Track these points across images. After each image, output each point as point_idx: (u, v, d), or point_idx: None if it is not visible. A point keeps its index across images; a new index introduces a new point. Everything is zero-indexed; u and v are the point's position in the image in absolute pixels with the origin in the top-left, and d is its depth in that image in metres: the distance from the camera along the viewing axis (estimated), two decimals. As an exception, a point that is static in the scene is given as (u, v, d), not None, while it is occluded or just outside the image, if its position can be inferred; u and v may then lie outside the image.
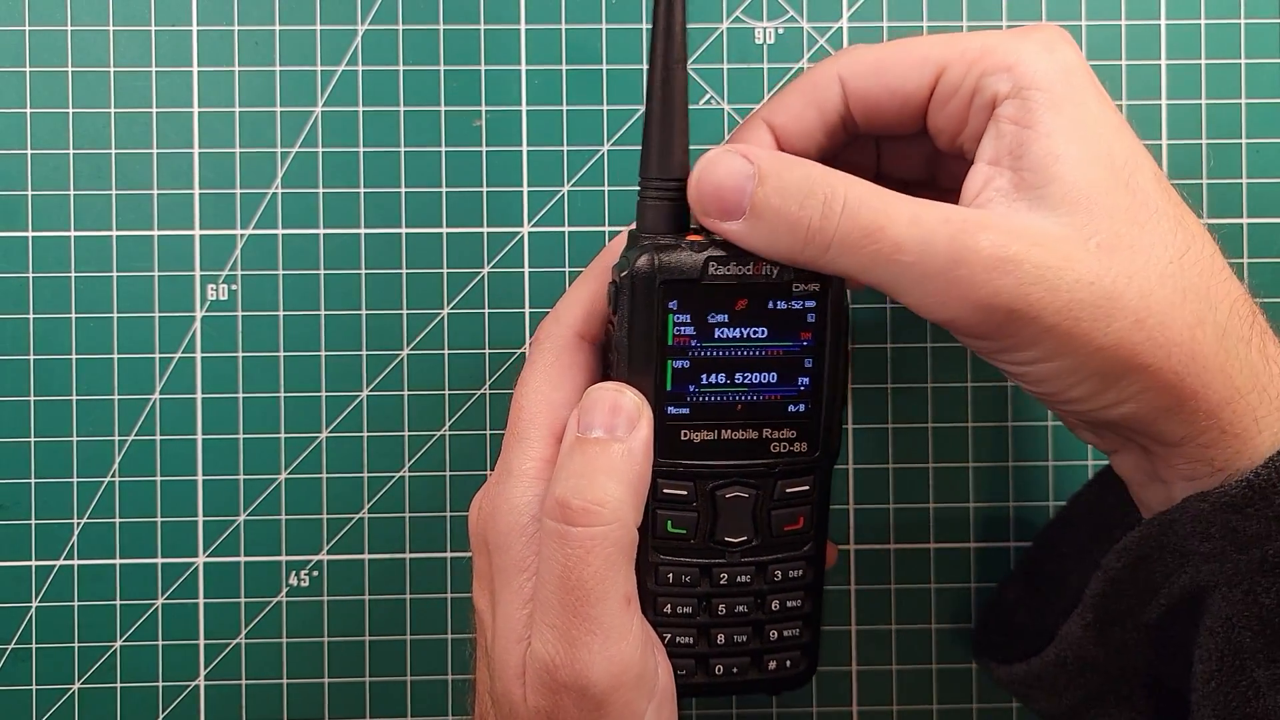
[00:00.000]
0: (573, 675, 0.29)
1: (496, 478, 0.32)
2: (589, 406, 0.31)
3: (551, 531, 0.30)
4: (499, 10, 0.40)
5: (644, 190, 0.32)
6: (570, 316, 0.33)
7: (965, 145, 0.32)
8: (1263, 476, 0.28)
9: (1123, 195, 0.29)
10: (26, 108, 0.40)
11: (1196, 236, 0.30)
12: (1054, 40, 0.31)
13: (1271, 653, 0.29)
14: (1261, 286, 0.41)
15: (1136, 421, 0.29)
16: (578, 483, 0.30)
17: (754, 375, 0.32)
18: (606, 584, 0.29)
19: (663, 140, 0.31)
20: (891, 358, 0.41)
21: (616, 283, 0.31)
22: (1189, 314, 0.28)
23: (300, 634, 0.40)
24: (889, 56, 0.32)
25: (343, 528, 0.40)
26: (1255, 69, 0.41)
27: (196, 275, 0.40)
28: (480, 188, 0.40)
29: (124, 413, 0.40)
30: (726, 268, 0.31)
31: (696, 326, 0.31)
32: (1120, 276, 0.28)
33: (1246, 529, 0.29)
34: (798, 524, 0.32)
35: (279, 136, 0.40)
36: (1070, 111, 0.29)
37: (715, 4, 0.40)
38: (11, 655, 0.40)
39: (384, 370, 0.40)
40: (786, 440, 0.32)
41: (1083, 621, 0.33)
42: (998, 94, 0.30)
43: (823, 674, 0.41)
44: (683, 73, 0.31)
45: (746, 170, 0.29)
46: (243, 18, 0.40)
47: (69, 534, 0.40)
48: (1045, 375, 0.29)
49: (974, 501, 0.41)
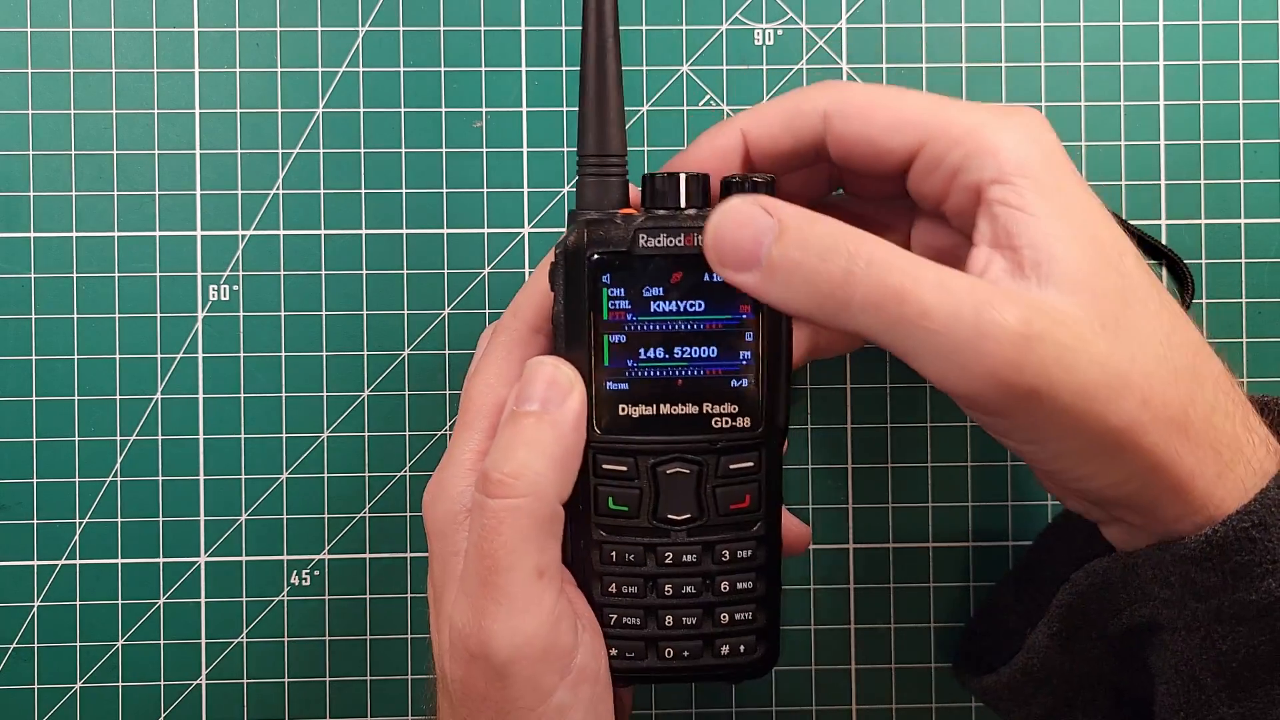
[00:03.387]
0: (479, 644, 0.30)
1: (442, 464, 0.33)
2: (526, 379, 0.31)
3: (474, 503, 0.30)
4: (500, 12, 0.40)
5: (581, 168, 0.32)
6: (526, 311, 0.33)
7: (949, 214, 0.32)
8: (1220, 534, 0.29)
9: (1114, 277, 0.29)
10: (29, 109, 0.40)
11: (1179, 316, 0.30)
12: (1035, 127, 0.31)
13: (1234, 693, 0.30)
14: (1260, 287, 0.41)
15: (1134, 499, 0.30)
16: (498, 455, 0.30)
17: (693, 349, 0.32)
18: (516, 555, 0.30)
19: (598, 117, 0.32)
20: (890, 357, 0.41)
21: (553, 260, 0.31)
22: (1183, 393, 0.29)
23: (302, 633, 0.40)
24: (876, 106, 0.32)
25: (344, 527, 0.40)
26: (1253, 70, 0.41)
27: (198, 276, 0.40)
28: (481, 189, 0.40)
29: (126, 413, 0.40)
30: (657, 239, 0.31)
31: (632, 300, 0.31)
32: (1124, 357, 0.28)
33: (1204, 580, 0.30)
34: (744, 502, 0.32)
35: (280, 138, 0.40)
36: (1057, 198, 0.30)
37: (715, 6, 0.40)
38: (14, 655, 0.40)
39: (385, 370, 0.40)
40: (729, 416, 0.32)
41: (1049, 631, 0.33)
42: (983, 179, 0.30)
43: (822, 673, 0.41)
44: (615, 48, 0.31)
45: (766, 222, 0.29)
46: (244, 19, 0.40)
47: (71, 534, 0.40)
48: (1055, 454, 0.29)
49: (972, 501, 0.41)
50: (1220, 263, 0.41)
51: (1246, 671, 0.30)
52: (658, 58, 0.40)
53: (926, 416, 0.41)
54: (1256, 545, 0.29)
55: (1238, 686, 0.30)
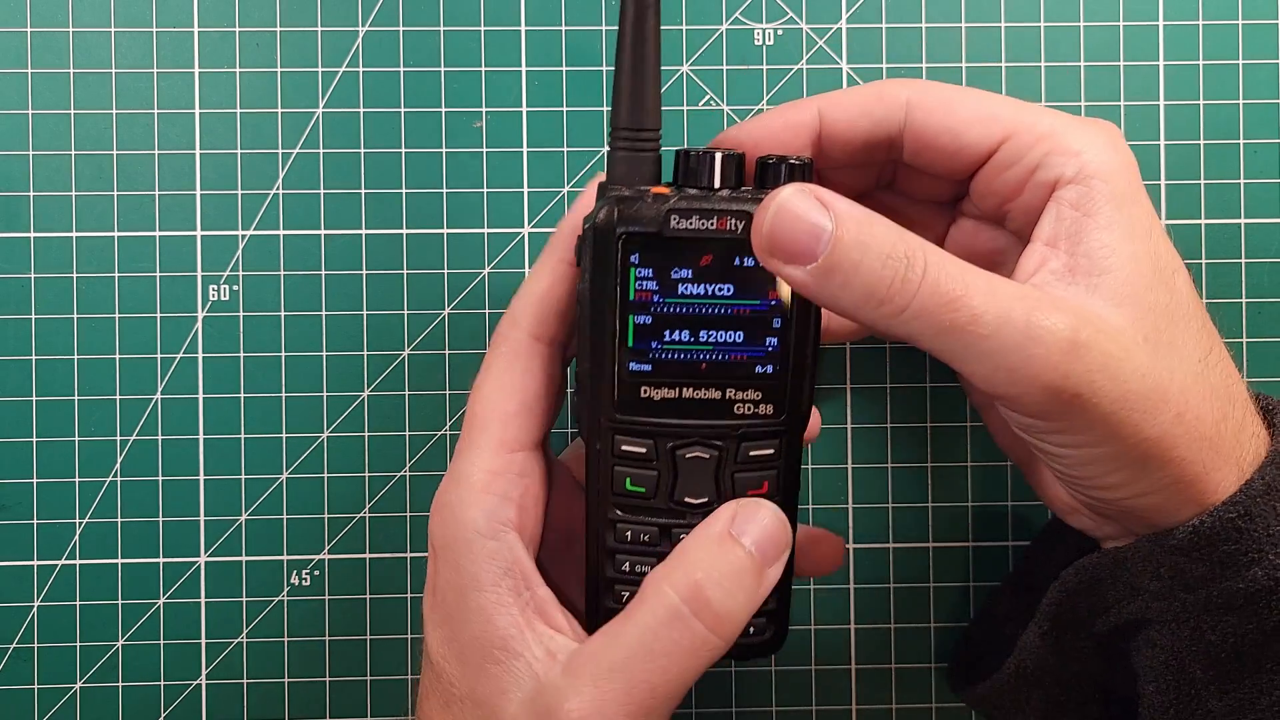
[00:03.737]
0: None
1: (448, 479, 0.32)
2: (760, 525, 0.31)
3: (670, 606, 0.30)
4: (499, 12, 0.40)
5: (614, 141, 0.31)
6: (526, 319, 0.32)
7: (1012, 214, 0.33)
8: (1207, 524, 0.29)
9: (1164, 294, 0.30)
10: (29, 109, 0.40)
11: (1216, 339, 0.31)
12: (1116, 138, 0.32)
13: (1223, 684, 0.31)
14: (1260, 287, 0.41)
15: (1153, 512, 0.30)
16: (721, 583, 0.30)
17: (719, 334, 0.31)
18: (683, 688, 0.30)
19: (634, 88, 0.31)
20: (890, 357, 0.41)
21: (581, 235, 0.31)
22: (1216, 410, 0.30)
23: (302, 633, 0.40)
24: (960, 101, 0.32)
25: (344, 527, 0.40)
26: (1253, 70, 0.41)
27: (198, 276, 0.40)
28: (481, 189, 0.40)
29: (126, 413, 0.40)
30: (689, 221, 0.30)
31: (659, 281, 0.31)
32: (1164, 371, 0.29)
33: (1192, 571, 0.30)
34: (762, 489, 0.32)
35: (280, 138, 0.40)
36: (1127, 208, 0.30)
37: (715, 6, 0.40)
38: (14, 655, 0.40)
39: (385, 370, 0.40)
40: (751, 402, 0.31)
41: (1039, 630, 0.34)
42: (1062, 176, 0.31)
43: (822, 673, 0.41)
44: (655, 19, 0.30)
45: (823, 217, 0.28)
46: (244, 19, 0.40)
47: (71, 534, 0.40)
48: (1087, 460, 0.30)
49: (972, 501, 0.41)
50: (1220, 263, 0.41)
51: (1235, 662, 0.31)
52: (658, 58, 0.40)
53: (926, 416, 0.41)
54: (1243, 535, 0.29)
55: (1226, 678, 0.31)
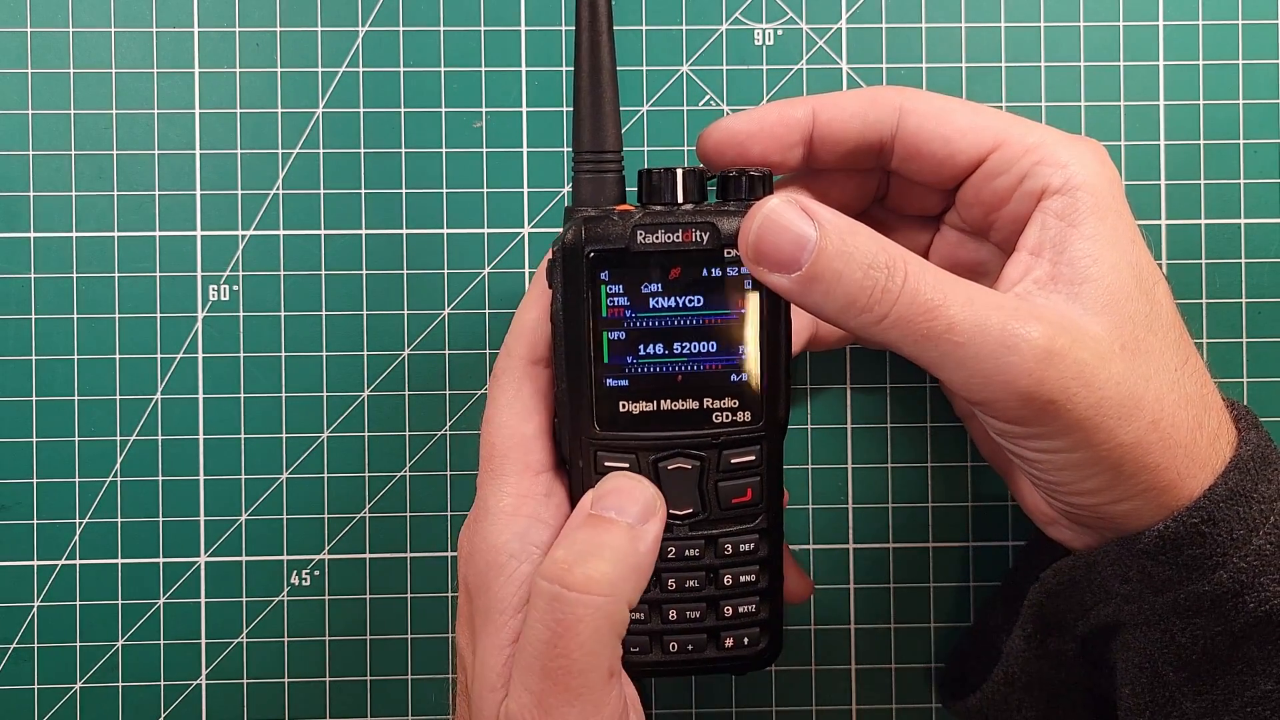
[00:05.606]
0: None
1: (474, 516, 0.32)
2: (609, 490, 0.31)
3: (544, 592, 0.29)
4: (499, 12, 0.40)
5: (577, 165, 0.32)
6: (520, 348, 0.33)
7: (997, 224, 0.33)
8: (1172, 529, 0.30)
9: (1144, 304, 0.31)
10: (29, 109, 0.40)
11: (1192, 349, 0.32)
12: (1102, 155, 0.32)
13: (1196, 686, 0.31)
14: (1260, 287, 0.41)
15: (1129, 518, 0.31)
16: (582, 550, 0.30)
17: (692, 345, 0.32)
18: (592, 656, 0.29)
19: (593, 113, 0.32)
20: (891, 357, 0.41)
21: (551, 258, 0.31)
22: (1191, 418, 0.30)
23: (302, 633, 0.40)
24: (953, 110, 0.33)
25: (344, 527, 0.40)
26: (1253, 70, 0.41)
27: (198, 276, 0.40)
28: (481, 189, 0.40)
29: (126, 413, 0.40)
30: (655, 235, 0.31)
31: (630, 297, 0.31)
32: (1140, 379, 0.30)
33: (1160, 574, 0.31)
34: (746, 496, 0.32)
35: (280, 138, 0.40)
36: (1111, 220, 0.31)
37: (715, 6, 0.40)
38: (14, 655, 0.40)
39: (385, 370, 0.40)
40: (729, 410, 0.32)
41: (1024, 633, 0.34)
42: (1049, 186, 0.32)
43: (822, 673, 0.41)
44: (609, 43, 0.31)
45: (808, 226, 0.29)
46: (244, 19, 0.40)
47: (71, 534, 0.40)
48: (1062, 465, 0.30)
49: (972, 501, 0.41)
50: (1220, 263, 0.41)
51: (1206, 663, 0.31)
52: (658, 58, 0.40)
53: (926, 416, 0.41)
54: (1206, 539, 0.30)
55: (1199, 679, 0.31)
